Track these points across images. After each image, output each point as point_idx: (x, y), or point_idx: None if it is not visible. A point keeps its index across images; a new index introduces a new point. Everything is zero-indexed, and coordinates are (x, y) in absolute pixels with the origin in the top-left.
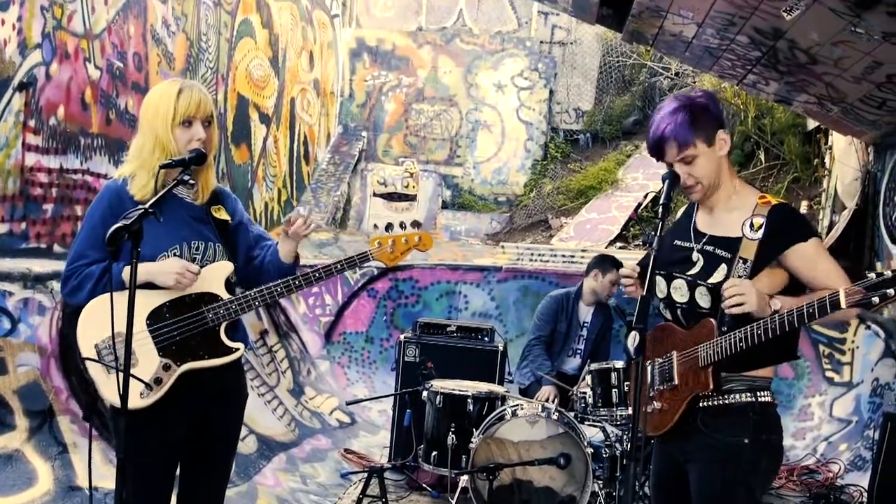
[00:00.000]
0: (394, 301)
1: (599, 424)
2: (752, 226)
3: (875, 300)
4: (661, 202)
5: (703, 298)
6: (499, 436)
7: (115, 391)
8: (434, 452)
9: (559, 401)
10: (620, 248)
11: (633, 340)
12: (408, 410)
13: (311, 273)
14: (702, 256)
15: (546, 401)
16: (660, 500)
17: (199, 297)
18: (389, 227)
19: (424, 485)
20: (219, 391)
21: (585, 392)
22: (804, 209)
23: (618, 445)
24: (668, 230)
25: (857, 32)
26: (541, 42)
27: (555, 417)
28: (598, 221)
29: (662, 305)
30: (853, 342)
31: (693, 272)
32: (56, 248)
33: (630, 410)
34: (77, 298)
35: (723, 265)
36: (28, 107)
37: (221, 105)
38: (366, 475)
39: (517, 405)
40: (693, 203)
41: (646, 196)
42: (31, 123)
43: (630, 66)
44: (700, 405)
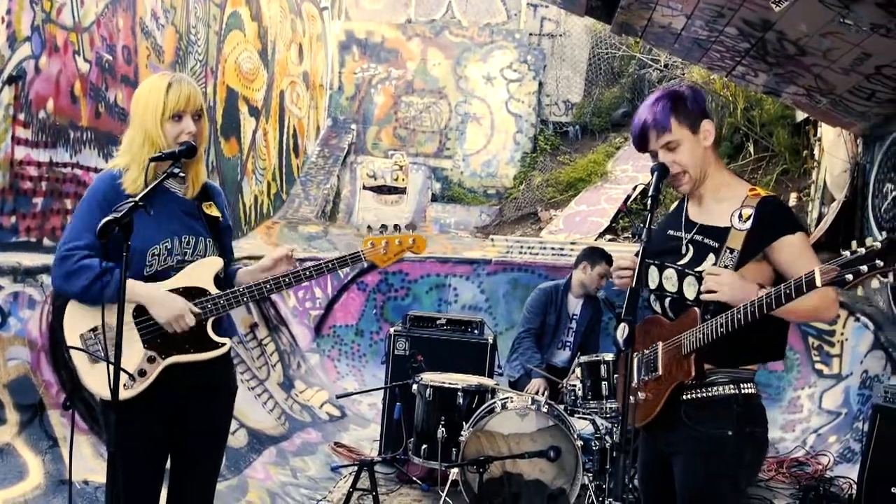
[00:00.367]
0: (383, 294)
1: (589, 417)
2: (741, 216)
3: (849, 277)
4: (650, 194)
5: (690, 289)
6: (489, 429)
7: (98, 381)
8: (424, 445)
9: (549, 393)
10: (610, 241)
11: (623, 332)
12: (398, 404)
13: (302, 271)
14: (691, 246)
15: (536, 393)
16: (647, 494)
17: (188, 292)
18: (384, 229)
19: (414, 478)
20: (206, 386)
21: (575, 385)
22: (793, 201)
23: (607, 438)
24: (661, 221)
25: (846, 24)
26: (530, 34)
27: (545, 410)
28: (588, 214)
29: (653, 297)
30: (842, 334)
31: (683, 262)
32: (46, 242)
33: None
34: (70, 287)
35: (710, 255)
36: (17, 100)
37: (211, 98)
38: (356, 468)
39: (507, 398)
40: (685, 195)
41: (635, 188)
42: (21, 117)
43: (619, 58)
44: (684, 397)
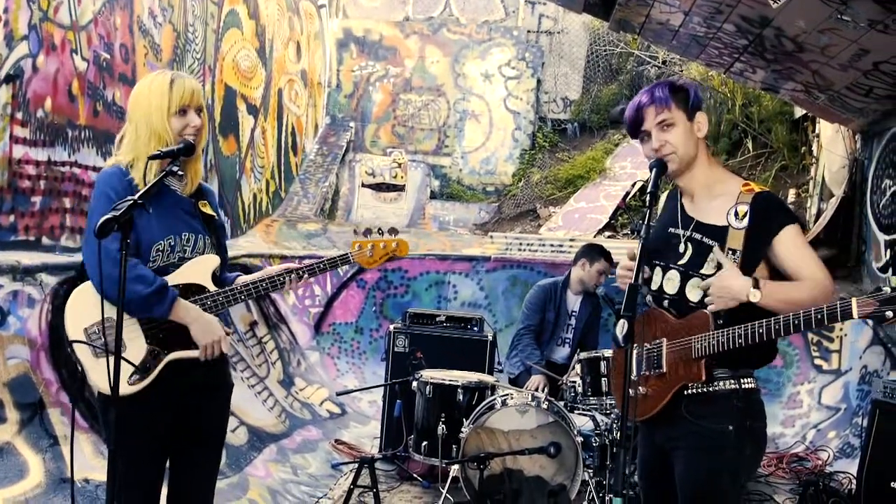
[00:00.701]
0: (383, 291)
1: (589, 413)
2: (737, 214)
3: (889, 314)
4: (649, 191)
5: (694, 292)
6: (489, 425)
7: (103, 376)
8: (424, 442)
9: (549, 390)
10: (609, 238)
11: (622, 329)
12: (398, 401)
13: (297, 271)
14: (690, 245)
15: (536, 390)
16: (647, 490)
17: (187, 289)
18: (368, 233)
19: (415, 475)
20: (205, 384)
21: (575, 381)
22: (792, 197)
23: (607, 434)
24: (657, 219)
25: (844, 20)
26: (528, 31)
27: (544, 406)
28: (587, 211)
29: (651, 298)
30: (841, 330)
31: (683, 262)
32: (44, 241)
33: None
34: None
35: (711, 255)
36: (15, 99)
37: (209, 96)
38: (356, 465)
39: (507, 395)
40: (675, 190)
41: (633, 185)
42: (19, 116)
43: (617, 55)
44: (685, 393)
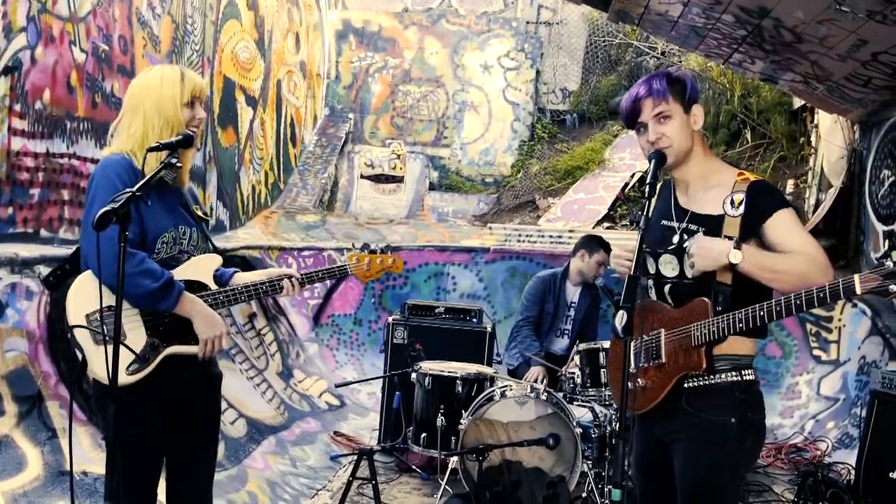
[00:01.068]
0: (382, 283)
1: (588, 405)
2: (734, 202)
3: (893, 288)
4: (648, 182)
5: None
6: (488, 417)
7: (103, 364)
8: (423, 434)
9: (548, 381)
10: (608, 229)
11: (622, 320)
12: (397, 392)
13: (295, 278)
14: (686, 236)
15: (535, 381)
16: (644, 484)
17: (189, 285)
18: (366, 248)
19: (414, 466)
20: (201, 378)
21: (574, 372)
22: (791, 188)
23: (607, 425)
24: (654, 211)
25: (842, 11)
26: (527, 22)
27: (544, 398)
28: (586, 202)
29: (651, 284)
30: (840, 320)
31: (674, 248)
32: (43, 233)
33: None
34: (132, 288)
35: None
36: (14, 91)
37: (207, 88)
38: (355, 457)
39: (506, 386)
40: (669, 182)
41: (632, 176)
42: (17, 107)
43: (616, 46)
44: (685, 385)
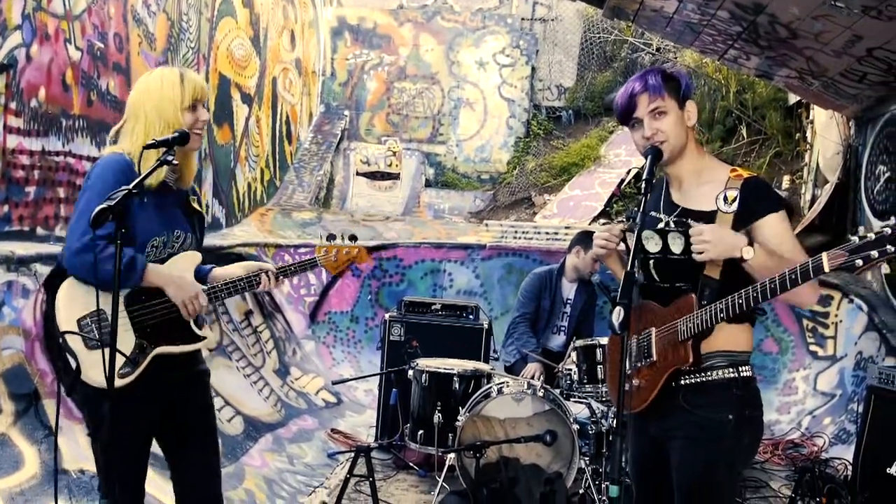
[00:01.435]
0: (378, 280)
1: (585, 401)
2: (727, 199)
3: (858, 262)
4: (644, 178)
5: (676, 243)
6: (485, 413)
7: (97, 368)
8: (420, 431)
9: (545, 378)
10: (604, 225)
11: (618, 316)
12: (394, 389)
13: (271, 272)
14: (672, 225)
15: (532, 378)
16: (640, 483)
17: None
18: (332, 238)
19: (411, 463)
20: (190, 377)
21: (571, 369)
22: (786, 183)
23: (604, 422)
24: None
25: (837, 6)
26: (522, 19)
27: (540, 394)
28: (581, 198)
29: (637, 264)
30: (836, 316)
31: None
32: (39, 231)
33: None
34: (98, 275)
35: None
36: (9, 89)
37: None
38: (353, 455)
39: (503, 383)
40: (662, 179)
41: (628, 172)
42: (13, 105)
43: (611, 43)
44: (682, 382)
